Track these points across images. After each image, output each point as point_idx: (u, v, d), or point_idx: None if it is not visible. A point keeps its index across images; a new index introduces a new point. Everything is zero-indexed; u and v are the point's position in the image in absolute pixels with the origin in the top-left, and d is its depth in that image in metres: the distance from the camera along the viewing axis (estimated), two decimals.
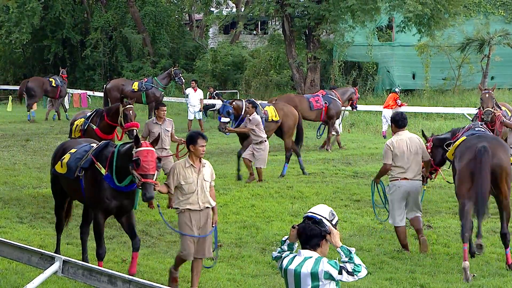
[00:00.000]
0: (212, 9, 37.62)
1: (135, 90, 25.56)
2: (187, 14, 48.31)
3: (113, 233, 11.27)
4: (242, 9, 41.55)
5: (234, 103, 15.90)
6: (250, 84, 37.52)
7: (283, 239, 5.75)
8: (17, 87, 42.53)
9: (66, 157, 9.17)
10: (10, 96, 37.58)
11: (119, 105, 13.36)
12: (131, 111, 13.19)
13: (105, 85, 27.83)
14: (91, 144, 9.29)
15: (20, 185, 15.06)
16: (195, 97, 26.03)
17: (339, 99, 21.19)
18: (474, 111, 18.12)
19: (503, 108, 14.84)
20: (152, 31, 42.69)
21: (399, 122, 10.18)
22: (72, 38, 43.11)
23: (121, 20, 43.45)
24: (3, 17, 41.64)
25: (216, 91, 33.36)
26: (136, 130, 12.98)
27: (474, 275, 8.97)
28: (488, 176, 9.00)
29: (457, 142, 9.87)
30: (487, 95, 13.85)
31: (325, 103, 20.71)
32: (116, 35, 43.17)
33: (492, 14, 36.02)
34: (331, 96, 21.06)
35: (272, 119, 16.42)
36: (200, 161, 8.31)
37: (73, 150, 9.22)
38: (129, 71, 40.84)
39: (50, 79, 29.81)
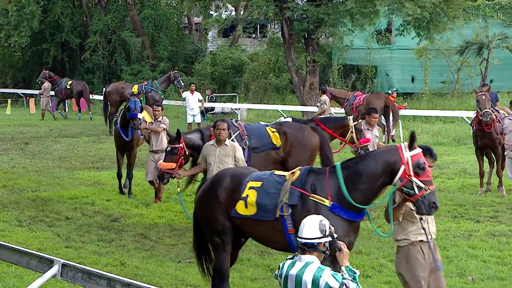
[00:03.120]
0: (211, 12, 37.64)
1: (134, 93, 25.59)
2: (186, 18, 48.36)
3: (112, 237, 11.27)
4: (241, 13, 41.62)
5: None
6: (249, 87, 37.54)
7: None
8: (16, 91, 42.70)
9: (251, 194, 7.19)
10: (9, 99, 37.57)
11: (344, 119, 12.34)
12: (361, 126, 12.08)
13: (104, 88, 27.88)
14: (276, 173, 7.39)
15: (19, 188, 15.06)
16: (193, 100, 26.05)
17: None
18: (473, 114, 18.14)
19: (501, 111, 14.86)
20: (151, 35, 42.72)
21: None
22: (71, 41, 43.13)
23: (120, 24, 43.47)
24: (2, 20, 41.66)
25: (212, 94, 33.43)
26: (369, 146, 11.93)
27: (472, 278, 8.98)
28: None
29: (274, 132, 11.49)
30: (483, 96, 13.84)
31: None
32: (115, 39, 43.18)
33: (491, 17, 36.07)
34: None
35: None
36: None
37: (255, 184, 7.24)
38: (128, 74, 40.85)
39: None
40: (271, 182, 7.20)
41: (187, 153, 10.72)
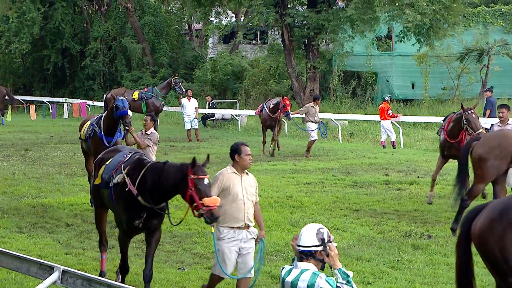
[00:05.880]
0: (211, 19, 37.74)
1: (135, 99, 25.59)
2: (186, 24, 48.44)
3: (113, 243, 11.23)
4: (242, 19, 41.70)
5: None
6: (249, 93, 37.58)
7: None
8: (16, 97, 42.65)
9: None
10: (10, 105, 37.57)
11: None
12: None
13: (105, 95, 27.88)
14: None
15: (19, 195, 15.04)
16: (190, 107, 26.18)
17: None
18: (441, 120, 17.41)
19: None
20: (151, 41, 42.79)
21: None
22: (71, 48, 43.19)
23: (120, 30, 43.55)
24: (2, 27, 41.74)
25: (213, 101, 33.46)
26: None
27: None
28: None
29: None
30: (473, 115, 13.19)
31: None
32: (116, 45, 43.25)
33: (491, 24, 36.17)
34: None
35: None
36: None
37: None
38: (128, 80, 40.90)
39: None
40: None
41: None
